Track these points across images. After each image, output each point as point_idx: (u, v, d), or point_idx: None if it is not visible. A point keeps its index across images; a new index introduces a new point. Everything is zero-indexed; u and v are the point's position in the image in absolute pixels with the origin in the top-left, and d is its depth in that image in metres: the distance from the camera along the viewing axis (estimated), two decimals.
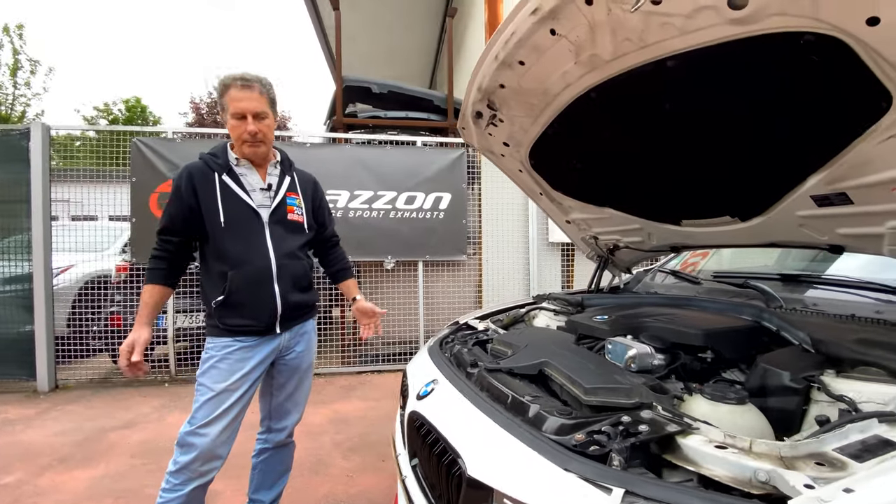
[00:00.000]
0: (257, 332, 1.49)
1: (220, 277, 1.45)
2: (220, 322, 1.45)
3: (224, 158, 1.52)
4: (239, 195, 1.49)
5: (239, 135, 1.46)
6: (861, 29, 0.78)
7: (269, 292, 1.50)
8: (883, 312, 1.27)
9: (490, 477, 0.86)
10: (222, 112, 1.49)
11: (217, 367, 1.44)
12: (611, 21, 1.11)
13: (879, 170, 0.99)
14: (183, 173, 1.48)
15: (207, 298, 1.48)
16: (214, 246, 1.46)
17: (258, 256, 1.49)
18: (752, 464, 0.73)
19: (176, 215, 1.46)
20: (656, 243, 2.00)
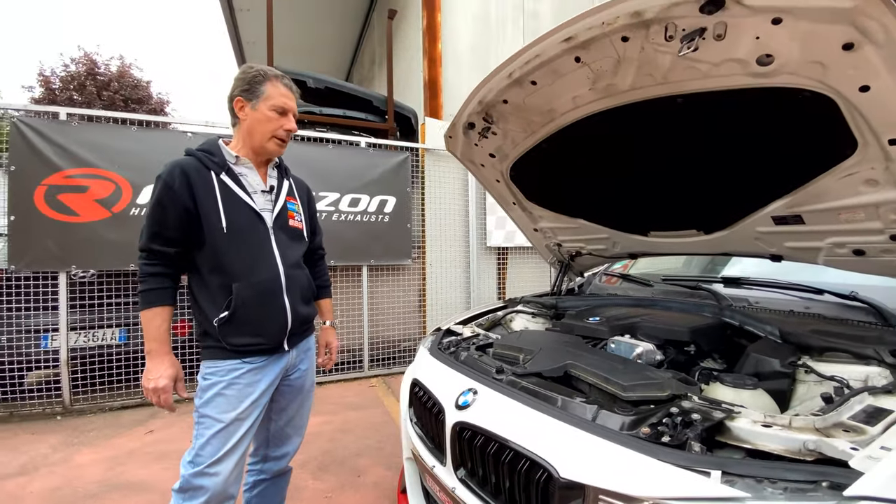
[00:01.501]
0: (267, 351, 1.35)
1: (221, 291, 1.28)
2: (225, 342, 1.28)
3: (220, 156, 1.34)
4: (241, 197, 1.34)
5: (274, 129, 1.35)
6: (853, 93, 1.01)
7: (279, 306, 1.37)
8: (811, 307, 1.63)
9: (583, 476, 0.93)
10: (246, 101, 1.33)
11: (224, 395, 1.27)
12: (640, 58, 1.25)
13: (833, 199, 1.28)
14: (174, 171, 1.26)
15: (206, 316, 1.29)
16: (214, 255, 1.28)
17: (266, 267, 1.35)
18: (798, 436, 0.89)
19: (170, 221, 1.25)
20: (619, 251, 2.24)
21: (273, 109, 1.33)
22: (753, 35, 1.02)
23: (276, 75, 1.35)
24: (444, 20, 4.50)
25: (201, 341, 1.32)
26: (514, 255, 4.61)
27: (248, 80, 1.33)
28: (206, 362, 1.30)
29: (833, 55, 0.97)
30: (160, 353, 1.24)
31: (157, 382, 1.23)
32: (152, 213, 1.26)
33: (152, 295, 1.24)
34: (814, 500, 0.75)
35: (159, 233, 1.25)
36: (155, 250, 1.25)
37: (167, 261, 1.26)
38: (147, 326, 1.24)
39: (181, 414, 2.98)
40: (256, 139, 1.35)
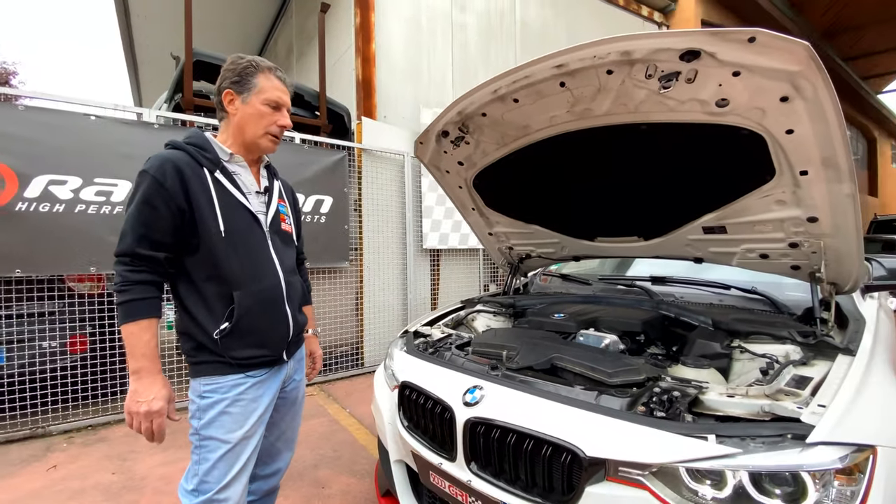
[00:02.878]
0: (269, 363, 1.27)
1: (220, 300, 1.18)
2: (228, 356, 1.18)
3: (213, 152, 1.23)
4: (237, 198, 1.24)
5: (267, 125, 1.25)
6: (781, 134, 1.30)
7: (282, 314, 1.29)
8: (724, 300, 2.01)
9: (605, 452, 1.07)
10: (236, 94, 1.23)
11: (229, 413, 1.17)
12: (619, 89, 1.44)
13: (752, 214, 1.61)
14: (165, 166, 1.13)
15: (201, 328, 1.17)
16: (210, 261, 1.17)
17: (267, 273, 1.26)
18: (756, 402, 1.14)
19: (161, 222, 1.11)
20: (565, 254, 2.49)
21: (266, 104, 1.24)
22: (717, 82, 1.26)
23: (268, 66, 1.26)
24: (377, 21, 4.46)
25: (193, 356, 1.19)
26: (446, 257, 4.75)
27: (239, 72, 1.23)
28: (202, 379, 1.18)
29: (772, 104, 1.24)
30: (151, 372, 1.10)
31: (150, 405, 1.08)
32: (138, 214, 1.11)
33: (138, 306, 1.09)
34: (785, 448, 0.98)
35: (146, 235, 1.10)
36: (142, 255, 1.10)
37: (155, 267, 1.12)
38: (132, 342, 1.09)
39: (88, 444, 2.56)
40: (248, 135, 1.25)
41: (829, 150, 1.27)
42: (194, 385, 1.19)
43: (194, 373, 1.19)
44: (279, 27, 7.29)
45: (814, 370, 1.28)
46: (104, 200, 2.79)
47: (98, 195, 2.76)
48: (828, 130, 1.22)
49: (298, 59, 6.41)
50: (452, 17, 5.09)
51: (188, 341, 1.20)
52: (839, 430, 0.98)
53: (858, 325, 1.56)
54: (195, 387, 1.19)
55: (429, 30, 4.88)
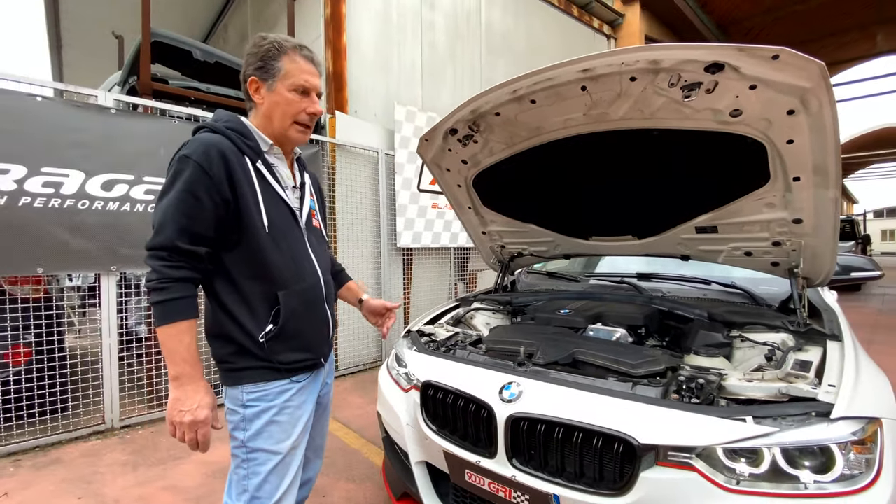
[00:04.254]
0: (312, 367, 1.21)
1: (264, 301, 1.10)
2: (275, 360, 1.10)
3: (254, 140, 1.14)
4: (278, 192, 1.16)
5: (296, 112, 1.16)
6: (782, 144, 1.45)
7: (323, 315, 1.24)
8: (707, 294, 2.18)
9: (655, 438, 1.13)
10: (261, 81, 1.13)
11: (277, 423, 1.10)
12: (639, 96, 1.53)
13: (743, 215, 1.77)
14: (210, 152, 1.02)
15: (244, 331, 1.08)
16: (254, 258, 1.09)
17: (309, 272, 1.20)
18: (773, 385, 1.26)
19: (205, 214, 1.02)
20: (558, 252, 2.58)
21: (293, 90, 1.14)
22: (735, 94, 1.37)
23: (293, 46, 1.15)
24: (347, 12, 4.33)
25: (232, 362, 1.10)
26: (418, 256, 4.72)
27: (262, 56, 1.13)
28: (246, 387, 1.09)
29: (779, 116, 1.38)
30: (194, 378, 1.01)
31: (195, 414, 0.99)
32: (180, 203, 1.00)
33: (179, 305, 0.99)
34: (812, 424, 1.09)
35: (188, 228, 1.00)
36: (182, 249, 0.99)
37: (195, 263, 1.03)
38: (172, 346, 0.99)
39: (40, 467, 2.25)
40: (276, 125, 1.16)
41: (821, 159, 1.42)
42: (233, 394, 1.10)
43: (233, 380, 1.10)
44: (230, 12, 6.83)
45: (809, 355, 1.43)
46: (53, 193, 2.47)
47: (46, 186, 2.44)
48: (824, 141, 1.37)
49: None
50: (422, 14, 5.06)
51: (226, 345, 1.10)
52: (853, 406, 1.11)
53: (830, 315, 1.77)
54: (236, 395, 1.10)
55: (399, 25, 4.82)
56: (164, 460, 2.37)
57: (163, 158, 2.88)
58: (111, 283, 2.68)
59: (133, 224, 2.73)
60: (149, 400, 2.91)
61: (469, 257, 5.32)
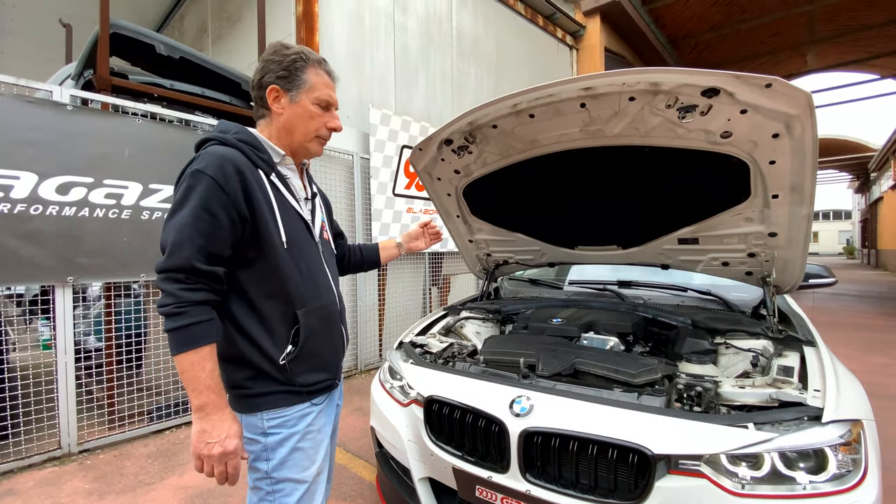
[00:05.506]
0: (329, 388, 1.16)
1: (283, 321, 1.05)
2: (296, 383, 1.05)
3: (267, 152, 1.10)
4: (293, 205, 1.12)
5: (317, 127, 1.14)
6: (765, 164, 1.55)
7: (340, 334, 1.20)
8: (685, 301, 2.30)
9: (668, 448, 1.18)
10: (284, 91, 1.09)
11: (301, 450, 1.05)
12: (636, 115, 1.59)
13: (723, 228, 1.88)
14: (225, 167, 0.97)
15: (263, 353, 1.02)
16: (272, 276, 1.04)
17: (325, 288, 1.16)
18: (763, 391, 1.35)
19: (223, 232, 0.96)
20: (543, 261, 2.63)
21: (317, 103, 1.12)
22: (727, 117, 1.46)
23: (317, 59, 1.14)
24: (320, 12, 4.21)
25: (249, 387, 1.03)
26: (392, 262, 4.66)
27: (287, 65, 1.09)
28: (266, 413, 1.03)
29: (764, 139, 1.48)
30: (219, 407, 0.94)
31: (224, 445, 0.92)
32: (195, 221, 0.94)
33: (200, 330, 0.92)
34: (806, 428, 1.17)
35: (205, 247, 0.94)
36: (200, 270, 0.93)
37: (215, 284, 0.97)
38: (195, 374, 0.92)
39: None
40: (297, 138, 1.13)
41: (799, 179, 1.54)
42: (251, 421, 1.04)
43: (251, 407, 1.04)
44: (188, 1, 6.45)
45: (789, 360, 1.55)
46: (1, 197, 2.23)
47: None
48: (803, 163, 1.48)
49: (215, 41, 5.76)
50: (395, 17, 5.01)
51: (242, 370, 1.03)
52: (840, 409, 1.21)
53: (799, 320, 1.92)
54: (254, 423, 1.03)
55: (371, 27, 4.75)
56: (133, 487, 2.20)
57: (126, 160, 2.68)
58: (66, 296, 2.45)
59: (92, 231, 2.51)
60: (109, 421, 2.69)
61: (443, 261, 5.32)
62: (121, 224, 2.64)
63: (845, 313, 7.53)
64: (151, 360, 2.93)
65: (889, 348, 5.04)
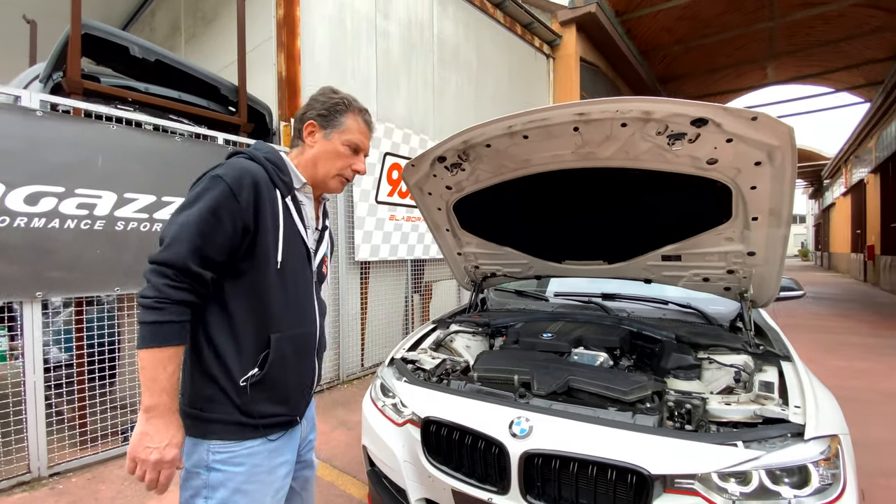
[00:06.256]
0: (286, 424, 1.12)
1: (255, 341, 1.03)
2: (252, 411, 1.01)
3: (289, 176, 1.13)
4: (299, 231, 1.13)
5: (342, 167, 1.19)
6: (746, 189, 1.63)
7: (310, 366, 1.17)
8: (666, 315, 2.39)
9: (665, 468, 1.22)
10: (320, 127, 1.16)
11: (245, 492, 1.00)
12: (627, 140, 1.64)
13: (704, 247, 1.96)
14: (244, 178, 1.00)
15: (225, 371, 1.00)
16: (257, 292, 1.03)
17: (306, 319, 1.15)
18: (748, 408, 1.42)
19: (221, 238, 0.97)
20: (530, 273, 2.67)
21: (347, 145, 1.17)
22: (713, 145, 1.53)
23: (359, 108, 1.21)
24: (302, 16, 4.14)
25: (204, 409, 1.00)
26: (375, 269, 4.63)
27: (329, 106, 1.16)
28: (214, 444, 0.99)
29: (747, 166, 1.56)
30: (168, 411, 0.92)
31: (162, 453, 0.90)
32: (200, 221, 0.94)
33: (172, 329, 0.92)
34: (790, 445, 1.24)
35: (201, 248, 0.94)
36: (190, 270, 0.93)
37: (200, 286, 0.96)
38: (154, 373, 0.90)
39: None
40: (321, 172, 1.17)
41: (777, 203, 1.63)
42: (198, 450, 0.99)
43: (199, 431, 1.00)
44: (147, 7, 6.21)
45: (768, 375, 1.63)
46: None
47: None
48: (782, 189, 1.57)
49: (188, 41, 5.57)
50: (376, 22, 4.99)
51: (204, 387, 1.00)
52: (819, 426, 1.29)
53: (774, 334, 2.02)
54: (200, 454, 0.99)
55: (353, 32, 4.71)
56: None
57: (100, 168, 2.56)
58: (35, 312, 2.32)
59: (63, 243, 2.39)
60: (81, 441, 2.56)
61: (424, 268, 5.31)
62: (94, 236, 2.52)
63: (804, 315, 7.97)
64: (126, 375, 2.81)
65: (845, 350, 5.37)
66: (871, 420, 3.21)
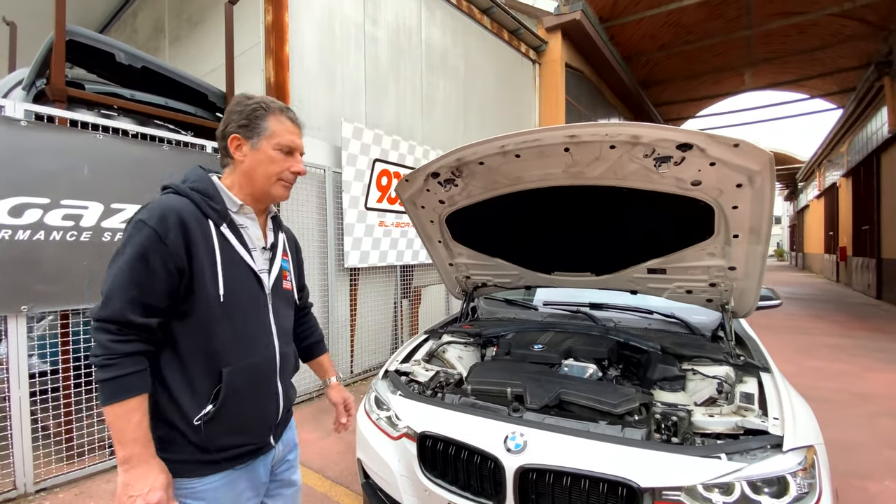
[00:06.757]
0: (252, 453, 1.11)
1: (206, 377, 1.02)
2: (210, 447, 1.02)
3: (222, 202, 1.08)
4: (242, 257, 1.09)
5: (279, 171, 1.13)
6: (728, 208, 1.71)
7: (272, 393, 1.15)
8: (652, 325, 2.47)
9: (653, 481, 1.28)
10: (245, 139, 1.10)
11: None
12: (615, 161, 1.70)
13: (688, 261, 2.04)
14: (168, 217, 0.98)
15: (179, 411, 1.00)
16: (203, 330, 1.02)
17: (262, 345, 1.12)
18: (730, 419, 1.49)
19: (158, 284, 0.96)
20: (520, 284, 2.72)
21: (278, 149, 1.12)
22: (697, 168, 1.60)
23: (279, 108, 1.15)
24: (290, 22, 4.13)
25: (162, 450, 0.99)
26: (364, 276, 4.63)
27: (247, 115, 1.10)
28: (176, 480, 1.00)
29: (729, 187, 1.63)
30: (144, 459, 0.93)
31: (147, 499, 0.91)
32: (130, 271, 0.94)
33: (127, 382, 0.92)
34: (770, 457, 1.31)
35: (138, 299, 0.94)
36: (133, 322, 0.93)
37: (148, 335, 0.97)
38: (121, 426, 0.92)
39: None
40: (259, 183, 1.13)
41: (757, 222, 1.71)
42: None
43: None
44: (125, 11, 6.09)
45: (748, 386, 1.71)
46: None
47: None
48: (762, 210, 1.65)
49: (173, 42, 5.48)
50: (365, 28, 4.99)
51: (162, 429, 1.01)
52: (797, 437, 1.36)
53: (753, 344, 2.11)
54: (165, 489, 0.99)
55: (342, 38, 4.70)
56: None
57: (87, 178, 2.52)
58: (20, 326, 2.28)
59: (49, 255, 2.35)
60: (68, 456, 2.51)
61: (413, 273, 5.34)
62: (80, 247, 2.48)
63: (780, 316, 8.23)
64: None
65: (820, 351, 5.58)
66: (845, 421, 3.35)
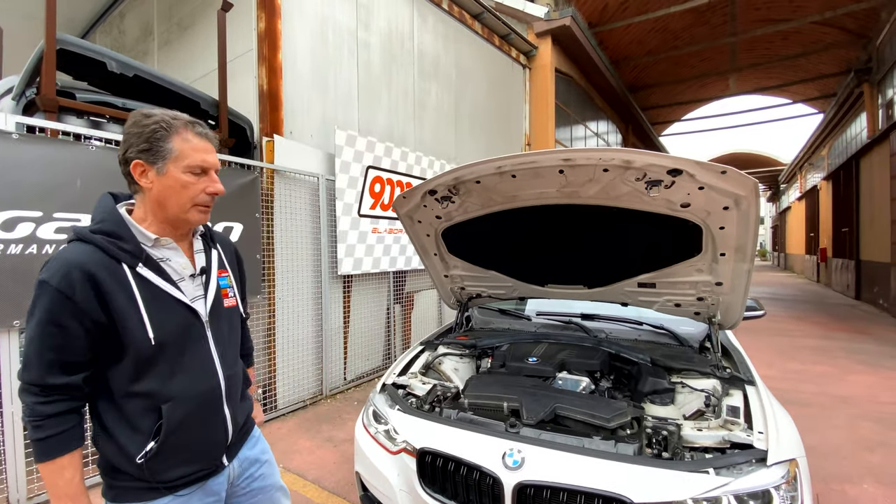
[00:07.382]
0: (203, 478, 1.11)
1: (144, 416, 1.00)
2: (154, 480, 1.02)
3: (133, 240, 1.01)
4: (167, 293, 1.04)
5: (193, 196, 1.04)
6: (715, 229, 1.78)
7: (220, 420, 1.13)
8: (642, 335, 2.54)
9: (646, 497, 1.34)
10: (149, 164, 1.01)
11: None
12: (608, 183, 1.76)
13: (677, 276, 2.11)
14: (71, 275, 0.92)
15: (121, 450, 0.99)
16: (136, 373, 0.99)
17: (203, 376, 1.09)
18: (717, 433, 1.56)
19: (73, 343, 0.94)
20: (514, 295, 2.77)
21: (190, 171, 1.03)
22: (686, 192, 1.66)
23: (184, 123, 1.04)
24: (283, 28, 4.12)
25: (111, 477, 1.02)
26: (357, 283, 4.65)
27: (147, 137, 0.99)
28: None
29: (716, 209, 1.70)
30: None
31: None
32: (42, 336, 0.92)
33: (54, 442, 0.94)
34: (755, 471, 1.38)
35: (57, 360, 0.93)
36: (53, 385, 0.93)
37: (72, 393, 0.96)
38: (53, 482, 0.94)
39: None
40: (172, 210, 1.04)
41: (743, 242, 1.78)
42: None
43: (112, 495, 1.04)
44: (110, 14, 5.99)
45: (734, 399, 1.78)
46: None
47: None
48: (747, 230, 1.72)
49: (162, 46, 5.42)
50: (358, 34, 5.00)
51: (105, 462, 1.02)
52: (780, 451, 1.43)
53: (739, 356, 2.19)
54: None
55: (335, 44, 4.71)
56: None
57: (80, 191, 2.50)
58: (12, 342, 2.25)
59: None
60: None
61: (406, 278, 5.36)
62: None
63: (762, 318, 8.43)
64: None
65: (801, 353, 5.74)
66: (826, 425, 3.47)
